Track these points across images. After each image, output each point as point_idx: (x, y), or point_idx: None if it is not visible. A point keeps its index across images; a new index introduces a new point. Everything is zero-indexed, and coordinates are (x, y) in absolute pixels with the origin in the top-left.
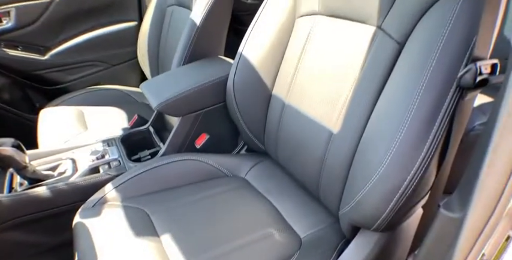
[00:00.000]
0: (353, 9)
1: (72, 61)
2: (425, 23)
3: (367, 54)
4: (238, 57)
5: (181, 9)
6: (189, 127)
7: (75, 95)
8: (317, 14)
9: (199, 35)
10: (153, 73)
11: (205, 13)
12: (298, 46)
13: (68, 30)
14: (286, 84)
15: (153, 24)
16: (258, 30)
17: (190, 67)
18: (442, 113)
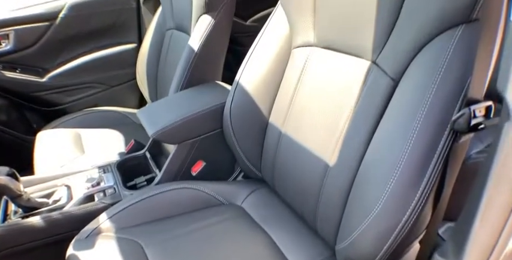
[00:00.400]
0: (348, 43)
1: (71, 83)
2: (420, 62)
3: (362, 88)
4: (235, 84)
5: (180, 33)
6: (185, 154)
7: (73, 117)
8: (312, 45)
9: (197, 61)
10: (152, 95)
11: (203, 40)
12: (294, 76)
13: (67, 52)
14: (283, 113)
15: (152, 47)
16: (255, 59)
17: (187, 93)
18: (437, 155)
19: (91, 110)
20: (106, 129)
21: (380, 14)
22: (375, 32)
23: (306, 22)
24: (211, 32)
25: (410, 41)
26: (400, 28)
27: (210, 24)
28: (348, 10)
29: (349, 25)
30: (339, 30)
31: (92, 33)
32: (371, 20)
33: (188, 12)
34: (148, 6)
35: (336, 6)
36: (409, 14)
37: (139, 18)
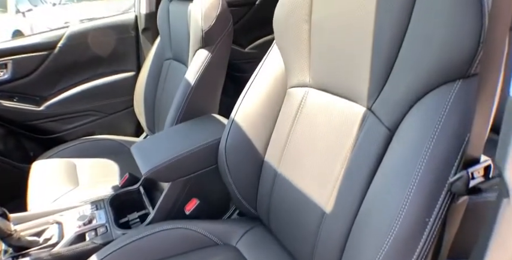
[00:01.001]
0: (343, 86)
1: (68, 111)
2: (416, 115)
3: (357, 134)
4: (230, 121)
5: (178, 64)
6: (178, 192)
7: (69, 146)
8: (308, 86)
9: (193, 95)
10: (149, 124)
11: (200, 74)
12: (289, 116)
13: (64, 80)
14: (278, 153)
15: (150, 76)
16: (251, 97)
17: (182, 128)
18: (434, 215)
19: (87, 139)
20: (102, 159)
21: (374, 62)
22: (370, 79)
23: (301, 63)
24: (207, 66)
25: (405, 92)
26: (394, 78)
27: (206, 58)
28: (342, 54)
29: (343, 69)
30: (334, 73)
31: (90, 62)
32: (366, 66)
33: (185, 45)
34: (147, 35)
35: (331, 50)
36: (403, 66)
37: (138, 47)
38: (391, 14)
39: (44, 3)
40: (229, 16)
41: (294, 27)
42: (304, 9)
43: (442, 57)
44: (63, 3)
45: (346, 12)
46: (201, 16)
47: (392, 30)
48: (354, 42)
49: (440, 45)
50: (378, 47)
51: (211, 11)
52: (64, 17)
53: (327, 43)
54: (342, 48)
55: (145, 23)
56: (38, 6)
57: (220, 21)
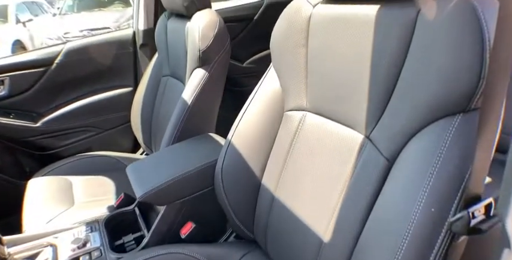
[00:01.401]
0: (340, 113)
1: (64, 127)
2: (415, 148)
3: (356, 162)
4: (227, 143)
5: (175, 80)
6: (174, 215)
7: (65, 163)
8: (305, 110)
9: (190, 114)
10: (145, 140)
11: (197, 93)
12: (286, 140)
13: (61, 96)
14: (275, 177)
15: (148, 92)
16: (248, 119)
17: (179, 149)
18: (435, 251)
19: (83, 155)
20: (98, 176)
21: (372, 91)
22: (367, 108)
23: (298, 86)
24: (204, 86)
25: (403, 123)
26: (392, 108)
27: (203, 78)
28: (339, 81)
29: (340, 96)
30: (331, 99)
31: (87, 77)
32: (363, 95)
33: (183, 62)
34: (145, 51)
35: (328, 76)
36: (401, 97)
37: (135, 63)
38: (389, 44)
39: (44, 13)
40: (226, 35)
41: (290, 50)
42: (301, 32)
43: (441, 92)
44: (63, 13)
45: (344, 39)
46: (199, 36)
47: (390, 61)
48: (351, 69)
49: (438, 80)
50: (375, 76)
51: (208, 31)
52: (64, 27)
53: (323, 68)
54: (339, 74)
55: (143, 39)
56: (38, 16)
57: (218, 41)
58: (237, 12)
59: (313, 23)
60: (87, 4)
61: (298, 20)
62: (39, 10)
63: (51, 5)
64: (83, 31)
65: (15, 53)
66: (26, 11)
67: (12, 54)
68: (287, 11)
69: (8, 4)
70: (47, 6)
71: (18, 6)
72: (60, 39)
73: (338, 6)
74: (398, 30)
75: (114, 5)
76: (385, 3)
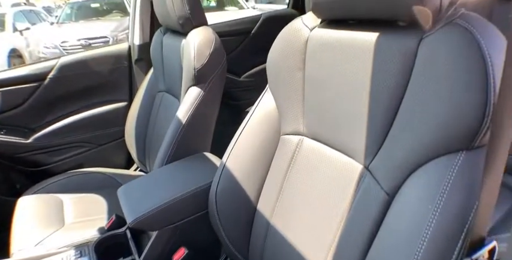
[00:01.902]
0: (338, 140)
1: (57, 143)
2: (416, 184)
3: (354, 193)
4: (222, 166)
5: (170, 97)
6: (166, 240)
7: (56, 180)
8: (302, 135)
9: (184, 134)
10: (139, 156)
11: (191, 112)
12: (282, 165)
13: (54, 112)
14: (271, 203)
15: (143, 107)
16: (243, 142)
17: (172, 170)
18: None
19: (75, 172)
20: (90, 194)
21: (370, 121)
22: (366, 138)
23: (295, 111)
24: (199, 105)
25: (403, 157)
26: (391, 141)
27: (198, 96)
28: (337, 108)
29: (338, 123)
30: (329, 126)
31: (81, 92)
32: (361, 124)
33: (178, 79)
34: (140, 65)
35: (325, 102)
36: (401, 129)
37: (131, 77)
38: (389, 74)
39: (42, 21)
40: (222, 53)
41: (287, 73)
42: (298, 55)
43: (443, 128)
44: (61, 21)
45: (342, 65)
46: (194, 54)
47: (390, 91)
48: (350, 97)
49: (440, 116)
50: (374, 106)
51: (204, 50)
52: (61, 36)
53: (321, 94)
54: (337, 101)
55: (138, 54)
56: (36, 24)
57: (213, 59)
58: (235, 26)
59: (311, 47)
60: (85, 13)
61: (295, 42)
62: (37, 18)
63: (49, 14)
64: (80, 40)
65: (11, 61)
66: (24, 19)
67: (5, 70)
68: (284, 33)
69: (5, 12)
70: (45, 15)
71: (16, 14)
72: (57, 48)
73: (336, 31)
74: (398, 59)
75: (112, 14)
76: (384, 30)
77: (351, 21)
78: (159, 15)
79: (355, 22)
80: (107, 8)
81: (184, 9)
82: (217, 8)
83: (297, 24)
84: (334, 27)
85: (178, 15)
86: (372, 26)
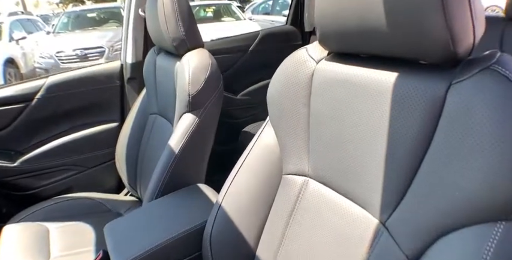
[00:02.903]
0: (349, 187)
1: (44, 166)
2: (445, 253)
3: (368, 253)
4: (217, 207)
5: (163, 120)
6: None
7: (43, 207)
8: (307, 176)
9: (177, 164)
10: (130, 180)
11: (185, 141)
12: (285, 209)
13: (42, 133)
14: (272, 250)
15: (134, 129)
16: (241, 180)
17: (163, 205)
18: None
19: (63, 198)
20: (78, 222)
21: (389, 169)
22: (383, 188)
23: (299, 149)
24: (193, 133)
25: (427, 218)
26: (415, 196)
27: (193, 124)
28: (348, 152)
29: (349, 169)
30: (338, 170)
31: (71, 113)
32: (377, 172)
33: (171, 103)
34: (132, 85)
35: (334, 143)
36: (426, 186)
37: (122, 97)
38: (410, 124)
39: (39, 30)
40: (218, 78)
41: (290, 108)
42: (302, 90)
43: (478, 194)
44: (57, 31)
45: (352, 106)
46: (188, 79)
47: (411, 142)
48: (362, 141)
49: (474, 178)
50: (392, 155)
51: (199, 74)
52: (57, 46)
53: (328, 134)
54: (347, 144)
55: (131, 73)
56: (32, 33)
57: (209, 85)
58: (232, 44)
59: (317, 81)
60: (82, 22)
61: (300, 75)
62: (34, 27)
63: (46, 23)
64: (75, 50)
65: (6, 70)
66: (21, 28)
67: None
68: (287, 64)
69: (2, 21)
70: (42, 24)
71: (13, 23)
72: (52, 58)
73: (346, 66)
74: (421, 106)
75: (109, 24)
76: (403, 69)
77: (363, 55)
78: (152, 34)
79: (367, 56)
80: (103, 18)
81: (178, 31)
82: (214, 18)
83: (302, 56)
84: (344, 60)
85: (173, 37)
86: (388, 62)
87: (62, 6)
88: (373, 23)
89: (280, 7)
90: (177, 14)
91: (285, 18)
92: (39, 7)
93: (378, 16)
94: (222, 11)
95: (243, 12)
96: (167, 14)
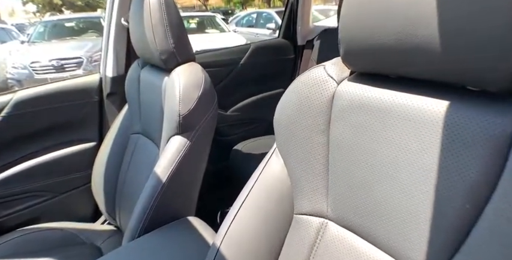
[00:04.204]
0: (381, 233)
1: (8, 193)
2: None
3: None
4: (215, 250)
5: (147, 141)
6: None
7: (4, 241)
8: (325, 217)
9: (163, 196)
10: (108, 207)
11: (174, 168)
12: (298, 256)
13: (5, 156)
14: None
15: (114, 150)
16: (242, 219)
17: (148, 247)
18: None
19: (29, 229)
20: (47, 259)
21: (434, 218)
22: (429, 241)
23: (315, 184)
24: (183, 159)
25: None
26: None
27: (183, 148)
28: (379, 192)
29: (380, 211)
30: (366, 213)
31: (41, 132)
32: (417, 218)
33: (158, 123)
34: (113, 100)
35: (360, 180)
36: (482, 246)
37: (101, 114)
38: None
39: (12, 39)
40: (213, 95)
41: (304, 135)
42: (320, 115)
43: None
44: (33, 40)
45: (385, 137)
46: (179, 98)
47: (466, 186)
48: (395, 178)
49: None
50: (439, 200)
51: (191, 92)
52: (32, 56)
53: (354, 169)
54: (378, 183)
55: (111, 87)
56: (6, 42)
57: (203, 103)
58: (222, 57)
59: (338, 105)
60: (59, 32)
61: (317, 98)
62: (7, 36)
63: (21, 31)
64: (52, 61)
65: None
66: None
67: None
68: (300, 84)
69: None
70: (16, 33)
71: None
72: (26, 69)
73: (373, 88)
74: (481, 142)
75: (88, 34)
76: (447, 95)
77: (393, 76)
78: (136, 46)
79: (397, 77)
80: (82, 27)
81: (167, 43)
82: (197, 30)
83: (319, 75)
84: (371, 81)
85: (161, 50)
86: (425, 86)
87: (39, 15)
88: (418, 41)
89: (264, 20)
90: (166, 23)
91: (269, 31)
92: (14, 16)
93: (429, 32)
94: (205, 22)
95: (226, 24)
96: (154, 24)
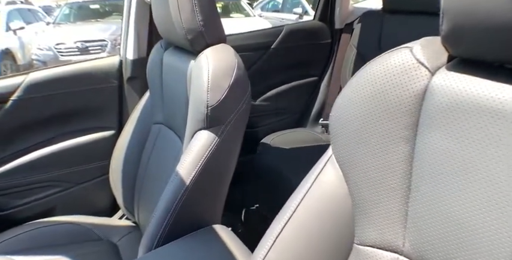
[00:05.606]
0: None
1: (21, 182)
2: None
3: None
4: None
5: (170, 132)
6: None
7: (16, 234)
8: (400, 253)
9: (186, 199)
10: (126, 202)
11: (200, 168)
12: None
13: (19, 143)
14: None
15: (134, 139)
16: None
17: None
18: None
19: (41, 223)
20: (59, 256)
21: None
22: None
23: (389, 207)
24: (211, 157)
25: None
26: None
27: (211, 145)
28: (487, 222)
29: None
30: (459, 255)
31: (56, 118)
32: None
33: (182, 115)
34: (133, 85)
35: (459, 204)
36: None
37: (121, 100)
38: None
39: (38, 21)
40: (247, 83)
41: (377, 142)
42: (404, 115)
43: None
44: (58, 22)
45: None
46: (207, 86)
47: None
48: None
49: None
50: None
51: (222, 80)
52: (57, 37)
53: (451, 193)
54: (486, 217)
55: (131, 71)
56: (32, 23)
57: (235, 93)
58: (251, 40)
59: (432, 104)
60: (84, 14)
61: (400, 92)
62: (33, 18)
63: (48, 13)
64: (76, 42)
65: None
66: (19, 18)
67: None
68: (375, 72)
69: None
70: (42, 15)
71: (10, 13)
72: (51, 50)
73: (488, 82)
74: None
75: (112, 17)
76: None
77: (509, 65)
78: (159, 26)
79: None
80: (107, 10)
81: (195, 21)
82: (222, 14)
83: (404, 60)
84: (481, 73)
85: (187, 29)
86: None
87: None
88: None
89: (290, 5)
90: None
91: (295, 16)
92: None
93: None
94: (230, 7)
95: (252, 9)
96: (181, 0)
